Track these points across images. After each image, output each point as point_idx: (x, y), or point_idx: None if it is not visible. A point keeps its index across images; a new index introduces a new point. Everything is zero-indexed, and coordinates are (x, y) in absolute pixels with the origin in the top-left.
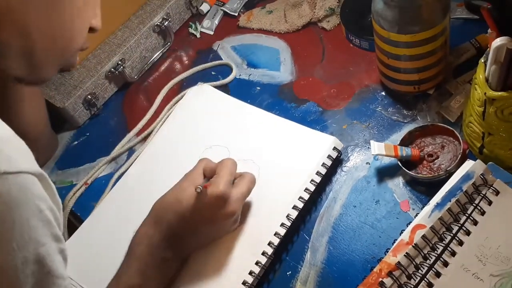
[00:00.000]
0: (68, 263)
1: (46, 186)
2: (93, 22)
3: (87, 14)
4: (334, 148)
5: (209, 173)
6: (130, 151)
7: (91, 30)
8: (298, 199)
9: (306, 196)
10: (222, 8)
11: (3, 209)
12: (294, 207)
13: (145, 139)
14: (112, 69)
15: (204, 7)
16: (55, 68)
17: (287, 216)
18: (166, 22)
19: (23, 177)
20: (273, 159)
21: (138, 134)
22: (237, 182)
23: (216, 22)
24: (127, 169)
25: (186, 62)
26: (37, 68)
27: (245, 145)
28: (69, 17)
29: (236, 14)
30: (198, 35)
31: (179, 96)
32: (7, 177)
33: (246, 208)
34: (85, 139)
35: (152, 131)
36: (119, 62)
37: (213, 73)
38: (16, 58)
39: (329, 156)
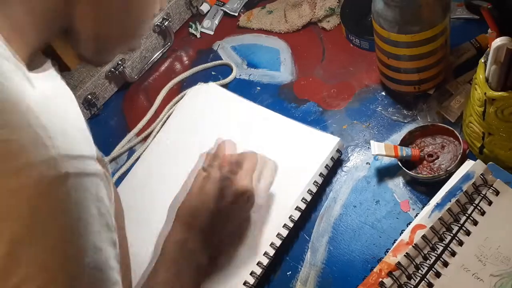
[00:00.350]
0: None
1: (106, 187)
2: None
3: (156, 5)
4: (337, 150)
5: (227, 163)
6: (130, 151)
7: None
8: (301, 200)
9: (309, 198)
10: (222, 8)
11: (66, 210)
12: (297, 208)
13: (145, 139)
14: (112, 69)
15: (204, 7)
16: (118, 52)
17: (290, 217)
18: (166, 22)
19: (87, 178)
20: (277, 159)
21: (138, 134)
22: (261, 173)
23: (216, 22)
24: (128, 169)
25: (186, 62)
26: (103, 50)
27: (249, 144)
28: (145, 12)
29: (236, 14)
30: (198, 35)
31: (179, 96)
32: (71, 179)
33: None
34: None
35: (152, 131)
36: (119, 62)
37: (213, 73)
38: (87, 43)
39: (331, 158)
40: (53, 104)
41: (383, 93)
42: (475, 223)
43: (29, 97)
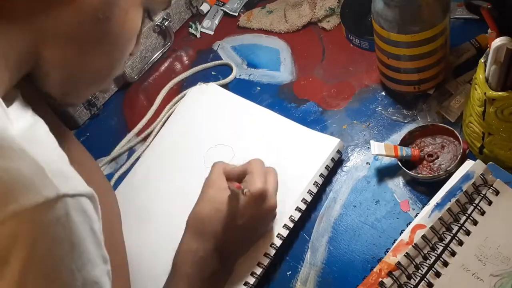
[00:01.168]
0: None
1: (95, 207)
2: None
3: (130, 51)
4: (338, 151)
5: (234, 175)
6: (130, 151)
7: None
8: (301, 201)
9: (309, 198)
10: (222, 8)
11: (62, 231)
12: (297, 209)
13: (145, 139)
14: None
15: (204, 7)
16: (88, 95)
17: (290, 217)
18: (166, 22)
19: (80, 199)
20: (278, 160)
21: (138, 134)
22: (266, 178)
23: (216, 22)
24: (128, 169)
25: (186, 62)
26: (71, 94)
27: (249, 145)
28: (117, 59)
29: (236, 14)
30: (198, 35)
31: (179, 96)
32: (66, 199)
33: None
34: (85, 139)
35: (152, 131)
36: None
37: (213, 73)
38: (54, 86)
39: (332, 158)
40: (32, 135)
41: (383, 93)
42: (475, 223)
43: (11, 134)
